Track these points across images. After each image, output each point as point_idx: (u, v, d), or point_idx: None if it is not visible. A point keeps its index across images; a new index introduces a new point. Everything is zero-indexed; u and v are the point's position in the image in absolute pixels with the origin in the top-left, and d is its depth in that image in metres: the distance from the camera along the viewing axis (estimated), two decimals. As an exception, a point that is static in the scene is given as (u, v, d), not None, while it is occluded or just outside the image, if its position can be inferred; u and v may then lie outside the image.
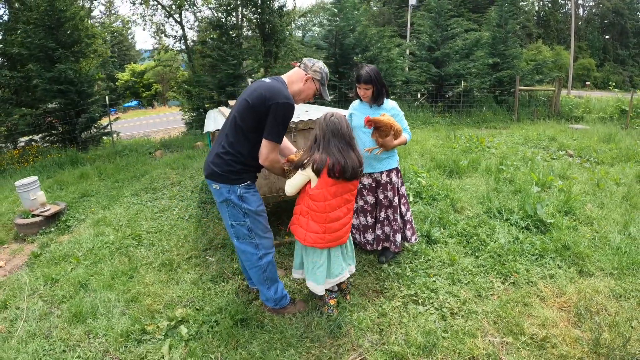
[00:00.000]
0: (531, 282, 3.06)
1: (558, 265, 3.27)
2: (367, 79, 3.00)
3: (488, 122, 11.78)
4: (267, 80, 2.44)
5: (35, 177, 4.73)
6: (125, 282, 3.22)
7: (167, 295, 3.00)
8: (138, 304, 2.91)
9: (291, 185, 2.49)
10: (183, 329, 2.53)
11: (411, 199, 4.68)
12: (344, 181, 2.39)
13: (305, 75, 2.50)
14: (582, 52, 40.12)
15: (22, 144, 10.13)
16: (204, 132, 3.97)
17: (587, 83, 35.87)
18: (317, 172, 2.35)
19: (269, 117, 2.31)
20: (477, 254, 3.48)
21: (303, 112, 4.16)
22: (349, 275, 2.67)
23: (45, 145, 10.06)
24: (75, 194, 5.75)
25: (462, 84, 12.47)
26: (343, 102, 11.99)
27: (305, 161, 2.40)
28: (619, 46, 43.37)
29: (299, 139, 3.58)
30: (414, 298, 2.87)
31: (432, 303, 2.81)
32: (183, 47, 16.66)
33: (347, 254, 2.66)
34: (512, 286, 3.01)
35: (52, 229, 4.54)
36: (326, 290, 2.64)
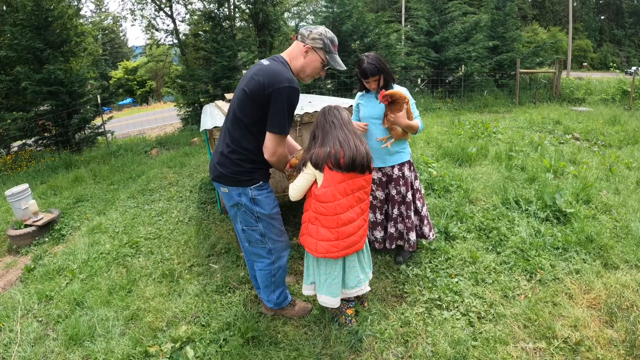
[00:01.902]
0: (557, 278, 2.88)
1: (583, 259, 3.09)
2: (373, 71, 2.74)
3: (490, 107, 11.58)
4: (265, 62, 2.12)
5: (26, 185, 4.49)
6: (123, 297, 2.99)
7: (170, 311, 2.78)
8: (138, 322, 2.69)
9: (294, 188, 2.23)
10: (189, 352, 2.30)
11: (423, 191, 4.46)
12: (353, 175, 2.13)
13: (305, 46, 2.13)
14: (578, 33, 39.71)
15: (15, 148, 9.87)
16: (200, 130, 3.72)
17: (585, 64, 35.57)
18: (319, 167, 2.10)
19: (270, 106, 2.00)
20: (498, 249, 3.28)
21: (307, 104, 3.92)
22: (368, 289, 2.43)
23: (38, 149, 9.81)
24: (70, 199, 5.51)
25: (463, 69, 12.19)
26: (342, 91, 11.70)
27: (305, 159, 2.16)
28: (615, 26, 42.88)
29: (304, 133, 3.35)
30: (438, 302, 2.66)
31: (457, 307, 2.61)
32: (175, 41, 16.29)
33: (364, 262, 2.42)
34: (539, 284, 2.83)
35: (46, 239, 4.31)
36: (342, 299, 2.42)
